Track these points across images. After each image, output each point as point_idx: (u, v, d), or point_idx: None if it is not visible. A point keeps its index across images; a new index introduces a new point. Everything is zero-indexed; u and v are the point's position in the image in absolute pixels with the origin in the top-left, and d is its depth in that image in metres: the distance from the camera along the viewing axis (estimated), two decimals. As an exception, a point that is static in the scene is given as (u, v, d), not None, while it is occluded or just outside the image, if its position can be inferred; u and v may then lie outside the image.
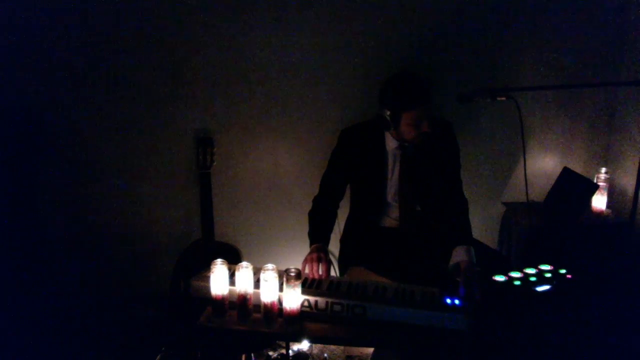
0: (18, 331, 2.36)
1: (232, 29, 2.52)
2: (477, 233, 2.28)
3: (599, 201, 2.74)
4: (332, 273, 2.08)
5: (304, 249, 2.14)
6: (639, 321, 1.95)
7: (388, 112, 2.08)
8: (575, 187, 2.68)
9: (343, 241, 2.43)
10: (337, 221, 2.34)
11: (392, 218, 2.33)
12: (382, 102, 2.12)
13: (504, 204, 2.86)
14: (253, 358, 2.43)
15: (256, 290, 1.82)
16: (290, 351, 2.49)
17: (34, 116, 2.50)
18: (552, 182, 2.78)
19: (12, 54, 2.41)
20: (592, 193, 2.69)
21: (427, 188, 2.27)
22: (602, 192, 2.72)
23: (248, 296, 1.80)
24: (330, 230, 2.27)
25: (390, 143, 2.24)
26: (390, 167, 2.26)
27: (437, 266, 2.17)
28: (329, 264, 2.04)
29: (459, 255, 2.07)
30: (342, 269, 2.33)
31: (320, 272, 1.99)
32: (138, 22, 2.46)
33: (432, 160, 2.25)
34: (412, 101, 2.05)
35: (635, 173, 1.93)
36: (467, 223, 2.24)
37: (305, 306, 1.82)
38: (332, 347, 2.62)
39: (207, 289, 1.82)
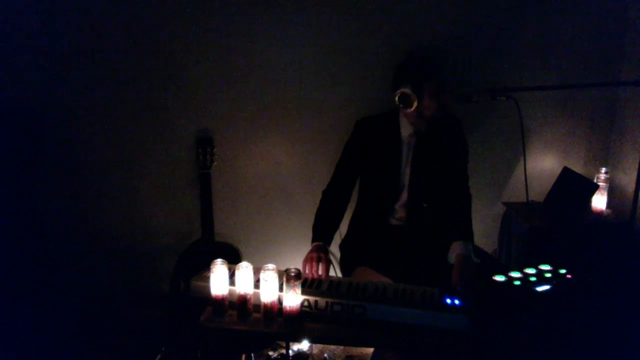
0: (18, 331, 2.36)
1: (232, 28, 2.52)
2: (477, 233, 2.28)
3: (599, 201, 2.73)
4: (332, 273, 2.08)
5: (304, 249, 2.14)
6: (639, 321, 1.95)
7: (409, 87, 2.13)
8: (575, 187, 2.68)
9: (343, 245, 2.41)
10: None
11: (397, 218, 2.33)
12: (401, 80, 2.18)
13: (504, 204, 2.85)
14: (253, 358, 2.43)
15: (256, 290, 1.82)
16: (290, 351, 2.49)
17: (34, 116, 2.50)
18: (552, 182, 2.78)
19: (13, 54, 2.41)
20: (592, 193, 2.69)
21: (436, 178, 2.28)
22: (602, 192, 2.72)
23: (248, 296, 1.80)
24: (335, 229, 2.26)
25: (405, 130, 2.26)
26: (404, 154, 2.27)
27: (441, 264, 2.17)
28: (328, 263, 2.04)
29: (455, 249, 2.11)
30: (346, 272, 2.32)
31: (320, 272, 1.99)
32: (138, 22, 2.46)
33: (442, 152, 2.28)
34: (433, 71, 2.18)
35: (635, 173, 1.93)
36: (469, 218, 2.27)
37: (305, 306, 1.82)
38: (332, 347, 2.62)
39: (207, 289, 1.82)
